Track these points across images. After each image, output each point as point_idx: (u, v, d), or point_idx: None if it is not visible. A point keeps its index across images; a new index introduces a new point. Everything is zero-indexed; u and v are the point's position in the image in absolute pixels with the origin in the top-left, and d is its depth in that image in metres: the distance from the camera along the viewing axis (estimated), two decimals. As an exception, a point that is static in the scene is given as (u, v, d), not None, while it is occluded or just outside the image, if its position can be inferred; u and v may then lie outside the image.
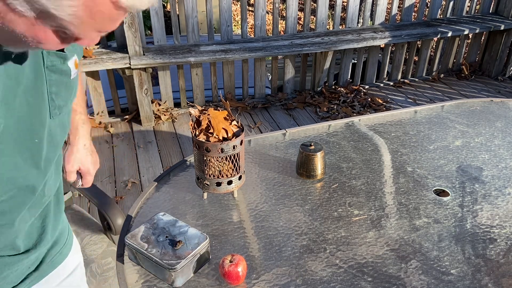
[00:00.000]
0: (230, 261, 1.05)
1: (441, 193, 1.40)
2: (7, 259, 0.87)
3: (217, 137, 1.22)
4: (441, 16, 4.18)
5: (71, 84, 0.84)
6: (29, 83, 0.73)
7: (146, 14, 4.96)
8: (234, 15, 8.02)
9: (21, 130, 0.74)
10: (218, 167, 1.27)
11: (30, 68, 0.73)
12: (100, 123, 3.38)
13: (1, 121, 0.69)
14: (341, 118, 3.44)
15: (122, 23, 2.99)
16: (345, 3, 3.98)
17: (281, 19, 4.98)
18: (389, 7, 3.94)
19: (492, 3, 4.26)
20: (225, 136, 1.23)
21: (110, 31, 0.62)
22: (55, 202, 0.96)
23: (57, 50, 0.76)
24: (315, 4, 3.74)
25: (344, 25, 3.92)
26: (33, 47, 0.60)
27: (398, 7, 4.00)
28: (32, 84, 0.74)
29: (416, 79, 4.29)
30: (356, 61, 4.09)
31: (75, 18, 0.55)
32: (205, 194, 1.36)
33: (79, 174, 1.17)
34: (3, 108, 0.69)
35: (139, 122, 3.42)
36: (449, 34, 3.86)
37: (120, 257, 1.15)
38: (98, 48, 3.24)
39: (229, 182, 1.29)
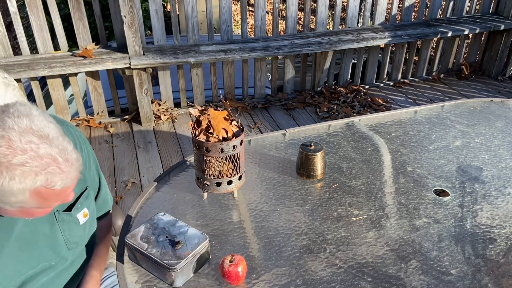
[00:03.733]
0: (230, 261, 1.05)
1: (441, 193, 1.40)
2: None
3: (217, 137, 1.22)
4: (441, 16, 4.18)
5: (82, 227, 1.14)
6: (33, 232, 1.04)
7: (146, 14, 4.96)
8: (234, 15, 8.02)
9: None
10: (218, 167, 1.27)
11: (44, 223, 1.06)
12: (100, 123, 3.38)
13: None
14: (341, 118, 3.44)
15: (122, 22, 2.99)
16: (345, 3, 3.99)
17: (281, 19, 4.98)
18: (389, 7, 3.94)
19: (492, 3, 4.26)
20: (225, 136, 1.23)
21: (69, 198, 0.94)
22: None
23: (65, 210, 1.10)
24: (315, 4, 3.74)
25: (344, 25, 3.93)
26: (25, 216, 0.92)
27: (398, 7, 4.01)
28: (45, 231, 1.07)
29: (416, 79, 4.29)
30: (356, 61, 4.09)
31: (31, 203, 0.84)
32: (205, 194, 1.36)
33: None
34: None
35: (139, 122, 3.42)
36: (449, 34, 3.86)
37: (120, 257, 1.15)
38: (98, 48, 3.24)
39: (229, 182, 1.29)
